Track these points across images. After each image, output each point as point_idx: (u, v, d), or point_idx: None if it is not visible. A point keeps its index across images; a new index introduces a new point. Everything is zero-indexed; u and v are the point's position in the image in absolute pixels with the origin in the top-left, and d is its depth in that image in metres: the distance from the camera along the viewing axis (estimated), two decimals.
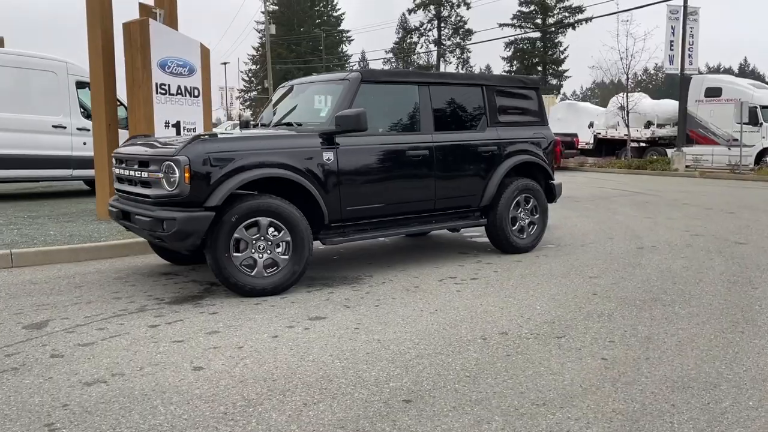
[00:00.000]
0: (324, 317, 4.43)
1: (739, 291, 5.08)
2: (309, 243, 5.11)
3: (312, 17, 65.70)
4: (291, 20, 63.30)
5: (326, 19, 67.61)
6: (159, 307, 4.72)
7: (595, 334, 4.03)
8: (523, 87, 6.90)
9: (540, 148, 6.86)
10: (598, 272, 5.78)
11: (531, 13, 59.24)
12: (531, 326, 4.19)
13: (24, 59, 10.66)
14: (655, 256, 6.48)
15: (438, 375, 3.36)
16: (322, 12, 68.38)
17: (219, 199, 4.76)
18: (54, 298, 4.97)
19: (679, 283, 5.34)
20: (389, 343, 3.86)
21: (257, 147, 5.04)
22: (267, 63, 46.09)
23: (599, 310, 4.55)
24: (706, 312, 4.50)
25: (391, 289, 5.23)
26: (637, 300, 4.83)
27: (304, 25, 63.62)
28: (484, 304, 4.73)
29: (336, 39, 67.59)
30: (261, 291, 4.95)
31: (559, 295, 4.99)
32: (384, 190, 5.67)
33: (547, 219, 6.92)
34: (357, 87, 5.60)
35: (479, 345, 3.83)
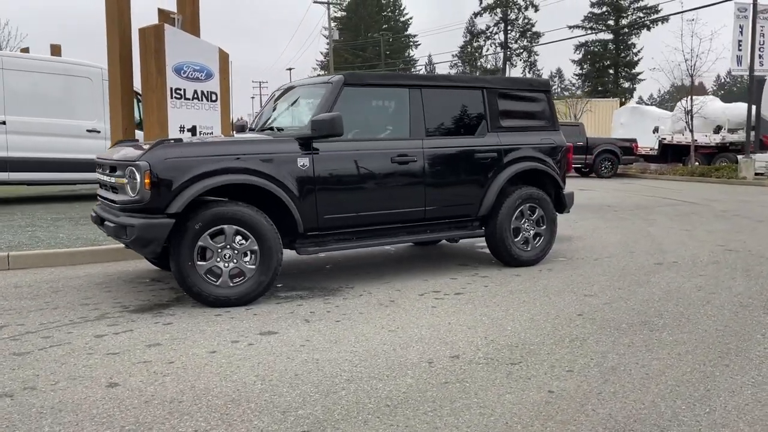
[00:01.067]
0: (276, 332, 4.22)
1: (747, 316, 4.55)
2: (277, 253, 4.91)
3: (378, 22, 65.92)
4: (358, 25, 63.72)
5: (393, 24, 67.75)
6: (119, 315, 4.62)
7: (555, 361, 3.65)
8: (531, 90, 6.49)
9: (548, 154, 6.43)
10: (598, 290, 5.33)
11: (603, 14, 57.53)
12: (489, 350, 3.84)
13: (62, 66, 10.97)
14: (670, 274, 5.95)
15: (357, 403, 3.08)
16: (389, 17, 68.56)
17: (180, 206, 4.62)
18: (24, 303, 4.96)
19: (681, 305, 4.84)
20: (326, 364, 3.61)
21: (224, 152, 4.88)
22: (329, 69, 46.43)
23: (575, 334, 4.15)
24: (696, 339, 4.03)
25: (364, 302, 4.96)
26: (624, 323, 4.38)
27: (370, 30, 63.86)
28: (453, 323, 4.40)
29: (402, 44, 67.61)
30: (225, 301, 4.79)
31: (540, 315, 4.60)
32: (366, 198, 5.41)
33: (555, 230, 6.48)
34: (338, 90, 5.36)
35: (421, 369, 3.52)
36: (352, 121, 5.52)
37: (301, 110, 5.72)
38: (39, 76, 10.51)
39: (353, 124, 5.53)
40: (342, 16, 66.48)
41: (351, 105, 5.41)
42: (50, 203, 10.92)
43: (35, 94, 10.41)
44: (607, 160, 20.65)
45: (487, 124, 6.11)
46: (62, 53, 14.17)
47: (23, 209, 9.93)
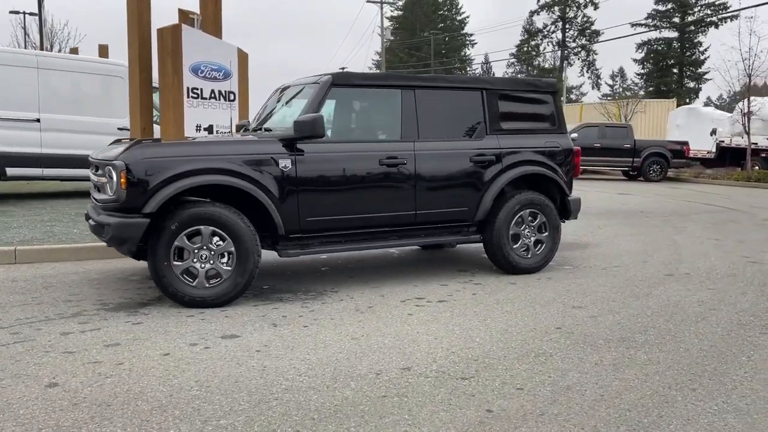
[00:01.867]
0: (238, 336, 4.17)
1: (741, 336, 4.24)
2: (254, 254, 4.86)
3: (434, 21, 65.62)
4: (413, 25, 63.56)
5: (449, 23, 67.32)
6: (95, 313, 4.66)
7: (510, 378, 3.47)
8: (535, 91, 6.25)
9: (553, 158, 6.18)
10: (589, 302, 5.08)
11: (668, 11, 55.66)
12: (446, 362, 3.69)
13: (95, 65, 11.26)
14: (676, 286, 5.63)
15: (283, 415, 2.99)
16: (445, 16, 68.16)
17: (155, 206, 4.62)
18: (12, 298, 5.06)
19: (672, 321, 4.55)
20: (271, 372, 3.53)
21: (201, 153, 4.87)
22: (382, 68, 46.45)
23: (543, 349, 3.94)
24: (672, 360, 3.77)
25: (342, 308, 4.86)
26: (602, 339, 4.15)
27: (426, 29, 63.57)
28: (422, 332, 4.25)
29: (458, 42, 67.11)
30: (201, 302, 4.77)
31: (516, 327, 4.40)
32: (351, 201, 5.30)
33: (558, 238, 6.22)
34: (326, 91, 5.28)
35: (365, 381, 3.40)
36: (341, 122, 5.42)
37: (292, 110, 5.66)
38: (73, 75, 10.82)
39: (342, 125, 5.44)
40: (398, 16, 66.50)
41: (339, 105, 5.32)
42: (82, 199, 11.23)
43: (69, 92, 10.72)
44: (655, 163, 19.91)
45: (486, 126, 5.91)
46: (110, 54, 14.60)
47: (53, 204, 10.24)
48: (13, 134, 10.21)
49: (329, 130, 5.55)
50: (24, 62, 10.37)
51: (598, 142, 19.55)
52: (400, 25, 65.89)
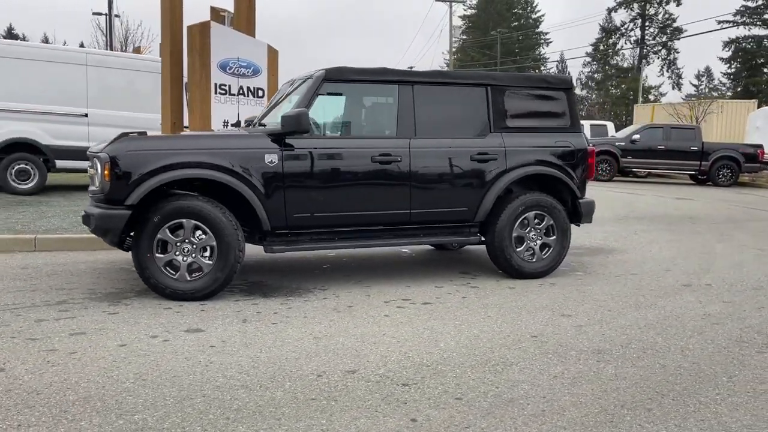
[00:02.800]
0: (203, 330, 4.15)
1: (733, 354, 3.89)
2: (236, 249, 4.84)
3: (508, 20, 64.54)
4: (486, 23, 62.73)
5: (524, 22, 66.10)
6: (79, 302, 4.75)
7: (453, 387, 3.29)
8: (547, 88, 5.97)
9: (563, 158, 5.89)
10: (583, 311, 4.80)
11: (759, 8, 52.69)
12: (395, 367, 3.54)
13: (140, 62, 11.63)
14: (689, 297, 5.25)
15: (201, 413, 2.93)
16: (519, 15, 66.94)
17: (136, 198, 4.68)
18: (13, 284, 5.24)
19: (664, 335, 4.23)
20: (215, 368, 3.48)
21: (185, 147, 4.89)
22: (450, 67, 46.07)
23: (507, 358, 3.73)
24: (642, 376, 3.49)
25: (321, 306, 4.78)
26: (575, 350, 3.89)
27: (498, 27, 62.61)
28: (388, 335, 4.12)
29: (532, 41, 65.81)
30: (182, 295, 4.80)
31: (490, 333, 4.20)
32: (341, 198, 5.21)
33: (567, 241, 5.92)
34: (317, 86, 5.20)
35: (302, 382, 3.30)
36: (333, 118, 5.34)
37: (289, 106, 5.62)
38: (120, 72, 11.18)
39: (335, 121, 5.35)
40: (471, 14, 65.83)
41: (332, 101, 5.24)
42: None
43: (116, 89, 11.09)
44: (725, 167, 18.83)
45: (490, 124, 5.69)
46: None
47: None
48: (63, 128, 10.65)
49: (323, 126, 5.48)
50: (74, 59, 10.80)
51: (662, 144, 18.67)
52: (473, 23, 65.20)
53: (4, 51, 10.29)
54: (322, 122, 5.54)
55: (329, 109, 5.51)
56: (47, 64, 10.51)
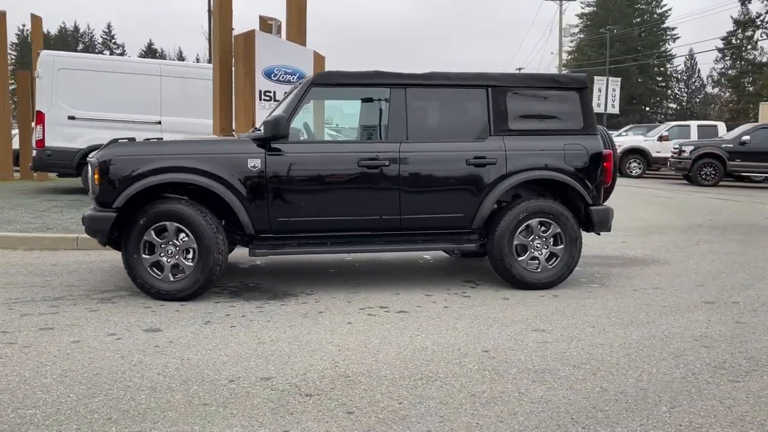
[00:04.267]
0: (160, 330, 4.27)
1: (699, 382, 3.47)
2: (215, 252, 4.94)
3: (629, 16, 61.63)
4: (604, 20, 60.15)
5: (647, 18, 62.87)
6: (74, 298, 5.02)
7: (355, 400, 3.17)
8: (556, 88, 5.62)
9: (573, 162, 5.52)
10: (563, 326, 4.47)
11: None
12: (314, 376, 3.47)
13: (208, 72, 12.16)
14: (698, 316, 4.76)
15: (89, 412, 3.00)
16: (642, 10, 63.74)
17: (121, 201, 4.89)
18: (29, 279, 5.64)
19: (634, 356, 3.86)
20: (138, 368, 3.56)
21: (170, 152, 5.04)
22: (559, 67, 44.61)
23: (435, 373, 3.55)
24: (571, 400, 3.19)
25: (291, 311, 4.77)
26: (518, 368, 3.63)
27: (618, 24, 59.87)
28: (334, 343, 4.04)
29: (656, 38, 62.45)
30: (166, 295, 4.96)
31: (441, 346, 4.01)
32: (326, 202, 5.18)
33: (576, 251, 5.53)
34: (305, 90, 5.21)
35: (209, 387, 3.31)
36: (324, 122, 5.31)
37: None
38: (191, 81, 11.77)
39: (325, 125, 5.32)
40: (588, 12, 63.52)
41: (322, 105, 5.23)
42: None
43: (185, 96, 11.68)
44: None
45: (490, 126, 5.44)
46: None
47: None
48: (139, 135, 11.34)
49: (312, 130, 5.48)
50: (150, 71, 11.50)
51: None
52: (591, 21, 62.81)
53: (87, 65, 11.15)
54: (312, 126, 5.54)
55: (320, 114, 5.50)
56: (125, 76, 11.25)
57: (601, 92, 34.75)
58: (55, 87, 10.89)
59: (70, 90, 10.91)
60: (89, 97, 10.95)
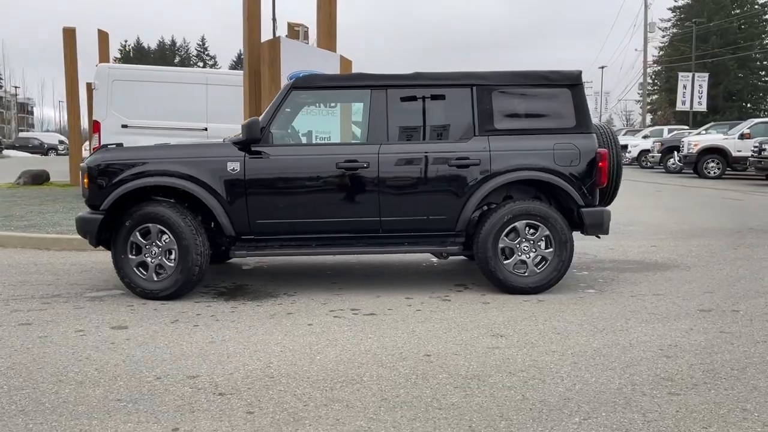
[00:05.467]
0: (126, 328, 4.43)
1: (626, 394, 3.26)
2: (193, 253, 5.07)
3: (726, 8, 58.33)
4: (699, 14, 57.22)
5: (746, 9, 59.33)
6: (68, 296, 5.28)
7: (262, 401, 3.18)
8: (546, 85, 5.41)
9: (564, 162, 5.30)
10: (526, 332, 4.30)
11: None
12: (239, 376, 3.50)
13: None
14: (682, 325, 4.47)
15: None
16: (743, 1, 60.18)
17: (107, 203, 5.12)
18: (36, 277, 5.96)
19: (575, 365, 3.66)
20: (78, 363, 3.70)
21: (155, 157, 5.21)
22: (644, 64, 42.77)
23: (360, 377, 3.50)
24: (477, 408, 3.07)
25: (262, 312, 4.83)
26: (448, 373, 3.53)
27: (715, 17, 56.79)
28: (281, 343, 4.06)
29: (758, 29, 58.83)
30: (149, 294, 5.14)
31: (384, 349, 3.95)
32: (304, 204, 5.21)
33: (567, 254, 5.30)
34: (284, 95, 5.28)
35: (133, 383, 3.41)
36: (303, 125, 5.36)
37: None
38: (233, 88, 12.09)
39: (306, 128, 5.37)
40: (682, 5, 60.68)
41: (301, 109, 5.29)
42: None
43: (229, 104, 12.02)
44: None
45: (474, 126, 5.31)
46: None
47: None
48: (186, 142, 11.82)
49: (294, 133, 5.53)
50: (197, 80, 11.94)
51: None
52: (686, 14, 59.92)
53: (138, 76, 11.71)
54: (294, 129, 5.59)
55: (298, 117, 5.55)
56: (174, 85, 11.74)
57: (686, 89, 33.09)
58: (110, 97, 11.50)
59: (123, 100, 11.49)
60: (140, 106, 11.50)
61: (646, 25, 42.28)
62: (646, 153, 26.06)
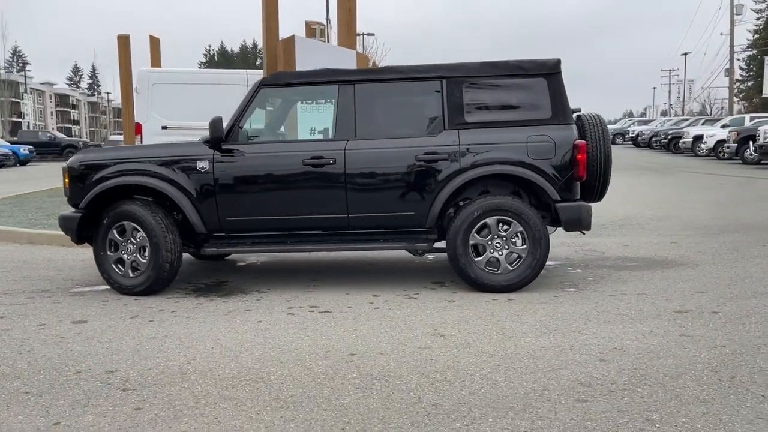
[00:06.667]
0: (86, 322, 4.58)
1: (556, 400, 3.08)
2: (164, 250, 5.17)
3: None
4: None
5: None
6: (54, 291, 5.50)
7: (158, 398, 3.21)
8: (520, 75, 5.18)
9: (538, 156, 5.07)
10: (471, 332, 4.14)
11: None
12: (154, 372, 3.55)
13: None
14: (642, 327, 4.18)
15: None
16: None
17: (84, 202, 5.31)
18: (33, 272, 6.24)
19: (504, 370, 3.49)
20: (13, 356, 3.86)
21: (130, 157, 5.35)
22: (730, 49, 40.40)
23: (267, 376, 3.48)
24: (368, 408, 2.99)
25: (223, 308, 4.87)
26: (358, 374, 3.45)
27: None
28: (219, 339, 4.08)
29: None
30: (126, 289, 5.30)
31: (318, 348, 3.90)
32: (273, 201, 5.21)
33: (541, 251, 5.06)
34: (253, 92, 5.31)
35: (53, 376, 3.52)
36: (274, 122, 5.38)
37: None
38: None
39: (275, 125, 5.39)
40: None
41: (270, 106, 5.30)
42: None
43: None
44: None
45: (444, 120, 5.16)
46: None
47: None
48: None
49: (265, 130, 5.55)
50: (237, 81, 12.19)
51: None
52: None
53: (178, 79, 12.09)
54: (264, 127, 5.61)
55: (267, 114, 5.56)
56: (212, 87, 12.04)
57: None
58: (151, 100, 11.94)
59: (163, 102, 11.90)
60: (180, 107, 11.86)
61: (732, 8, 39.87)
62: (723, 143, 24.60)
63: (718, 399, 3.01)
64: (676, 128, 32.49)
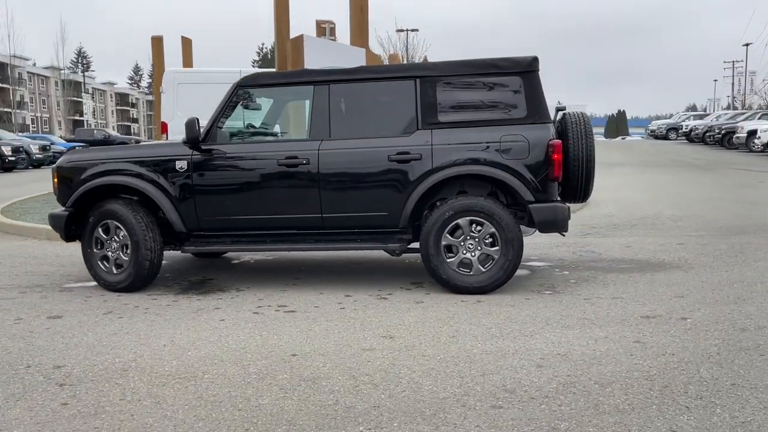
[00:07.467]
0: (61, 317, 4.74)
1: (470, 406, 3.04)
2: (143, 248, 5.30)
3: None
4: None
5: None
6: (46, 287, 5.71)
7: (91, 394, 3.30)
8: (495, 74, 5.09)
9: (510, 155, 4.98)
10: (422, 334, 4.11)
11: None
12: (99, 369, 3.65)
13: None
14: (599, 332, 4.07)
15: None
16: None
17: (71, 202, 5.49)
18: (39, 268, 6.51)
19: (433, 375, 3.46)
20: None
21: (113, 157, 5.51)
22: None
23: (210, 375, 3.53)
24: (280, 410, 3.01)
25: (195, 306, 4.97)
26: (297, 376, 3.47)
27: None
28: (174, 338, 4.17)
29: None
30: (110, 286, 5.46)
31: (264, 348, 3.94)
32: (248, 201, 5.28)
33: (514, 253, 4.97)
34: (231, 94, 5.39)
35: (12, 372, 3.67)
36: (249, 123, 5.45)
37: None
38: None
39: (252, 126, 5.45)
40: None
41: (247, 107, 5.38)
42: None
43: None
44: None
45: (417, 120, 5.13)
46: None
47: None
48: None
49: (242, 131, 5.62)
50: None
51: None
52: None
53: (201, 79, 12.33)
54: (242, 128, 5.67)
55: (250, 115, 5.63)
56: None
57: None
58: (176, 100, 12.23)
59: (188, 101, 12.16)
60: (203, 107, 12.09)
61: None
62: None
63: (637, 409, 2.91)
64: (731, 122, 31.26)
